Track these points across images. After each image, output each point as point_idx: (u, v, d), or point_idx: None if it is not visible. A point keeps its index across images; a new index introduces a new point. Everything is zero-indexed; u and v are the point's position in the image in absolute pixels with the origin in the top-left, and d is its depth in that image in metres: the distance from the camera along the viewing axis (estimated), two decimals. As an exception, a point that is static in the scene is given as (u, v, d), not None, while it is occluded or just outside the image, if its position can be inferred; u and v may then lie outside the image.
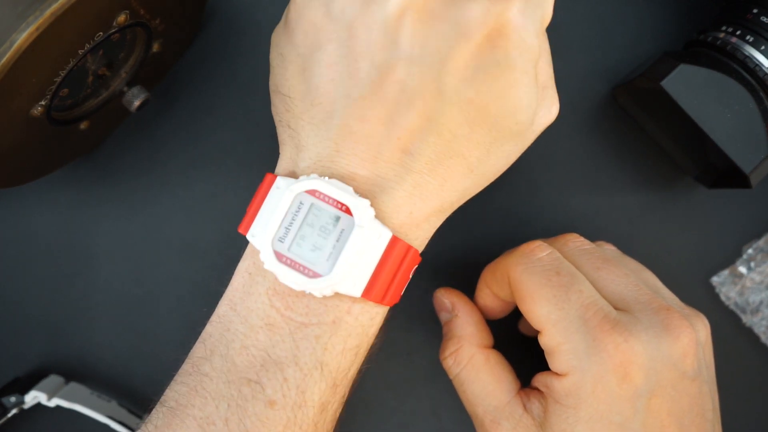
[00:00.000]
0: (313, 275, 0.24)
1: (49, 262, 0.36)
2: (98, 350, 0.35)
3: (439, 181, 0.26)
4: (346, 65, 0.25)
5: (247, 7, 0.37)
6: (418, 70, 0.25)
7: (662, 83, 0.30)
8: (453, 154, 0.26)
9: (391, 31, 0.25)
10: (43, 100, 0.28)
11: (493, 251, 0.35)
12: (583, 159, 0.36)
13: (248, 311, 0.25)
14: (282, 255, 0.24)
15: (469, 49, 0.25)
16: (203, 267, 0.36)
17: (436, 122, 0.25)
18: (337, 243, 0.24)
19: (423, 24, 0.25)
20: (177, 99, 0.36)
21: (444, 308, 0.32)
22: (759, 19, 0.31)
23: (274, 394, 0.24)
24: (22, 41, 0.24)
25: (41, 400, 0.33)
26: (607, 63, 0.36)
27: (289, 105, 0.27)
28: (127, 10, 0.28)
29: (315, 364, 0.25)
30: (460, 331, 0.31)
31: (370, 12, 0.25)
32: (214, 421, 0.24)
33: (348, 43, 0.25)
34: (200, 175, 0.36)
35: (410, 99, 0.25)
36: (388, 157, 0.25)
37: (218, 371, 0.24)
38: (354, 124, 0.25)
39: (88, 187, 0.36)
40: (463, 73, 0.25)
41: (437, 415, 0.35)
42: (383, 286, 0.25)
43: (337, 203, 0.24)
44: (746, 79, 0.30)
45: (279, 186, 0.25)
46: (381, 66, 0.25)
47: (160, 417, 0.25)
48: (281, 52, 0.27)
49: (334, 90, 0.25)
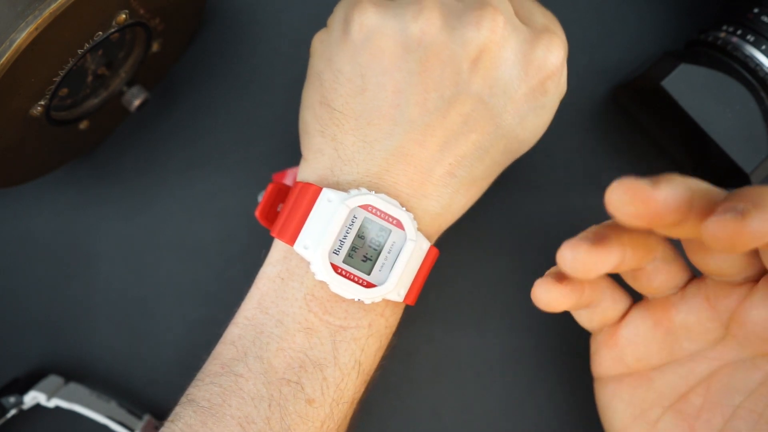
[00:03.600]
0: (368, 285, 0.26)
1: (49, 262, 0.36)
2: (98, 350, 0.35)
3: (468, 197, 0.29)
4: (413, 94, 0.26)
5: (247, 7, 0.37)
6: (484, 107, 0.27)
7: (663, 83, 0.30)
8: (485, 176, 0.29)
9: (465, 71, 0.26)
10: (42, 99, 0.28)
11: (493, 251, 0.35)
12: (583, 159, 0.36)
13: (283, 315, 0.26)
14: (337, 267, 0.26)
15: (526, 91, 0.27)
16: (203, 267, 0.36)
17: (485, 152, 0.28)
18: (389, 255, 0.26)
19: (495, 69, 0.27)
20: (177, 99, 0.36)
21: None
22: (760, 18, 0.30)
23: (313, 392, 0.25)
24: (22, 41, 0.24)
25: (40, 400, 0.33)
26: (608, 63, 0.36)
27: (340, 120, 0.27)
28: (127, 9, 0.28)
29: (354, 364, 0.26)
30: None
31: (447, 51, 0.26)
32: (255, 420, 0.25)
33: (420, 75, 0.26)
34: (200, 175, 0.36)
35: (470, 130, 0.27)
36: (436, 180, 0.27)
37: (255, 372, 0.25)
38: (411, 148, 0.27)
39: (88, 187, 0.36)
40: (519, 113, 0.27)
41: (438, 416, 0.35)
42: (417, 289, 0.27)
43: (389, 217, 0.26)
44: (747, 79, 0.30)
45: (330, 199, 0.26)
46: (450, 99, 0.26)
47: (191, 416, 0.25)
48: (338, 68, 0.27)
49: (398, 115, 0.27)
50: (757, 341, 0.25)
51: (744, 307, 0.25)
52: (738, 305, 0.25)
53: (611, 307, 0.28)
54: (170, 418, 0.25)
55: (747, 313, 0.25)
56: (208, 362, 0.27)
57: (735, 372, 0.26)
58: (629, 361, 0.28)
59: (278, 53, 0.36)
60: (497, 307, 0.35)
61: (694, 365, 0.27)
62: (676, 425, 0.27)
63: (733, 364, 0.26)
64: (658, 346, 0.27)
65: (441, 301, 0.35)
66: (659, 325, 0.27)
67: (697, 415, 0.26)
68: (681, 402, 0.27)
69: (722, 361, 0.26)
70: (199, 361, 0.27)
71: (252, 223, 0.36)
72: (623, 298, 0.28)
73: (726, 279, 0.26)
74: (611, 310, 0.28)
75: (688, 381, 0.27)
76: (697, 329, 0.26)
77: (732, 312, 0.25)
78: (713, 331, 0.26)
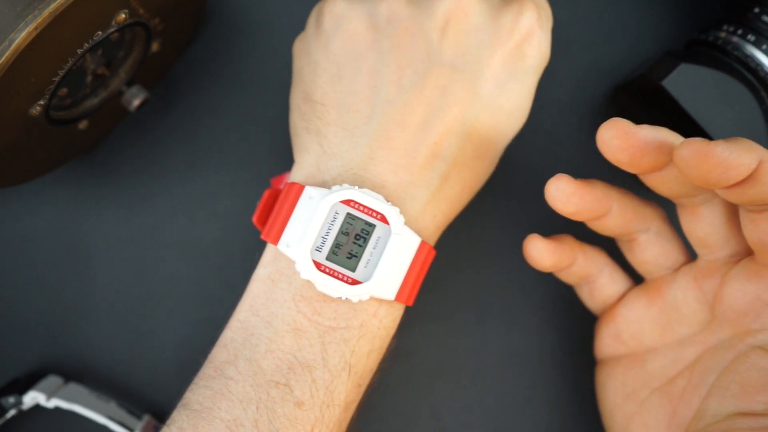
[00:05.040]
0: (353, 282, 0.25)
1: (48, 262, 0.36)
2: (97, 351, 0.35)
3: (461, 184, 0.28)
4: (388, 73, 0.26)
5: (247, 7, 0.37)
6: (460, 76, 0.26)
7: (663, 83, 0.30)
8: (476, 157, 0.28)
9: (435, 41, 0.26)
10: (41, 99, 0.28)
11: (493, 251, 0.35)
12: (583, 159, 0.36)
13: (272, 316, 0.26)
14: (320, 264, 0.25)
15: (502, 55, 0.27)
16: (202, 267, 0.36)
17: (469, 126, 0.27)
18: (374, 250, 0.25)
19: (464, 34, 0.27)
20: (176, 99, 0.36)
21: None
22: (760, 18, 0.30)
23: (302, 395, 0.25)
24: (21, 41, 0.24)
25: (40, 400, 0.33)
26: (608, 62, 0.36)
27: (321, 112, 0.27)
28: (126, 9, 0.28)
29: (343, 366, 0.26)
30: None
31: (415, 24, 0.27)
32: (243, 423, 0.24)
33: (391, 52, 0.26)
34: (200, 175, 0.36)
35: (449, 103, 0.26)
36: (421, 162, 0.26)
37: (244, 375, 0.25)
38: (392, 130, 0.26)
39: (88, 187, 0.36)
40: (498, 80, 0.27)
41: (437, 416, 0.35)
42: (410, 287, 0.26)
43: (372, 211, 0.25)
44: (747, 79, 0.30)
45: (312, 196, 0.26)
46: (424, 73, 0.26)
47: (184, 419, 0.25)
48: (314, 59, 0.28)
49: (375, 96, 0.26)
50: (734, 317, 0.26)
51: (722, 284, 0.26)
52: (720, 283, 0.26)
53: (609, 285, 0.30)
54: (167, 422, 0.25)
55: (724, 289, 0.26)
56: (203, 365, 0.26)
57: (714, 354, 0.26)
58: (626, 338, 0.29)
59: (278, 53, 0.36)
60: (497, 307, 0.35)
61: (683, 350, 0.27)
62: (661, 405, 0.27)
63: (714, 347, 0.27)
64: (651, 325, 0.28)
65: (441, 301, 0.35)
66: (653, 303, 0.28)
67: (680, 396, 0.27)
68: (668, 384, 0.28)
69: (706, 345, 0.27)
70: (198, 362, 0.27)
71: (251, 223, 0.36)
72: (622, 279, 0.30)
73: (713, 256, 0.27)
74: (609, 287, 0.30)
75: (677, 365, 0.28)
76: (686, 310, 0.27)
77: (715, 291, 0.26)
78: (700, 312, 0.27)
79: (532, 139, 0.35)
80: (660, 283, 0.28)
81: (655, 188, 0.26)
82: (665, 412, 0.27)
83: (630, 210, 0.28)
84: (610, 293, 0.30)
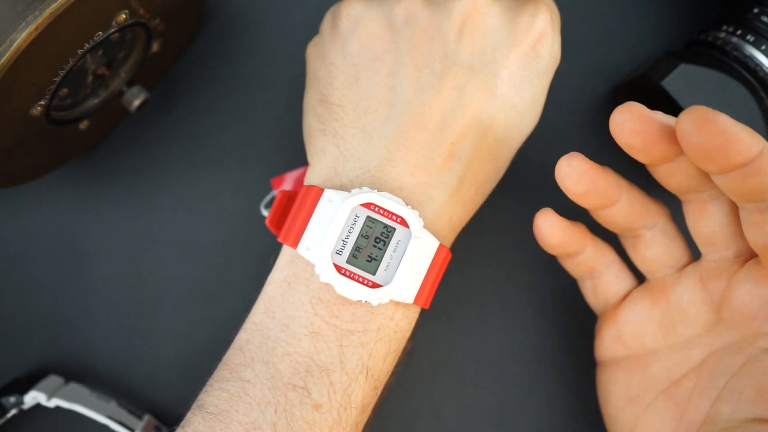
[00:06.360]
0: (373, 285, 0.25)
1: (49, 262, 0.36)
2: (98, 350, 0.35)
3: (476, 185, 0.28)
4: (405, 74, 0.27)
5: (247, 7, 0.37)
6: (477, 76, 0.27)
7: (663, 83, 0.30)
8: (491, 157, 0.28)
9: (452, 42, 0.27)
10: (42, 99, 0.28)
11: (493, 251, 0.35)
12: (583, 159, 0.36)
13: (289, 319, 0.26)
14: (340, 267, 0.25)
15: (518, 56, 0.27)
16: (203, 267, 0.36)
17: (485, 126, 0.27)
18: (395, 254, 0.25)
19: (481, 35, 0.27)
20: (176, 99, 0.36)
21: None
22: (760, 18, 0.31)
23: (320, 397, 0.25)
24: (21, 41, 0.24)
25: (41, 400, 0.33)
26: (608, 63, 0.36)
27: (339, 114, 0.27)
28: (127, 9, 0.28)
29: (361, 369, 0.26)
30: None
31: (432, 25, 0.27)
32: (261, 426, 0.24)
33: (409, 53, 0.27)
34: (200, 175, 0.36)
35: (466, 103, 0.26)
36: (439, 163, 0.26)
37: (261, 378, 0.25)
38: (411, 131, 0.26)
39: (88, 187, 0.36)
40: (514, 81, 0.27)
41: (438, 416, 0.35)
42: (428, 290, 0.26)
43: (392, 215, 0.25)
44: (747, 79, 0.30)
45: (331, 199, 0.26)
46: (442, 73, 0.26)
47: (200, 422, 0.25)
48: (330, 62, 0.28)
49: (393, 98, 0.27)
50: (742, 320, 0.26)
51: (730, 286, 0.26)
52: (726, 285, 0.26)
53: (614, 282, 0.29)
54: (181, 424, 0.25)
55: (732, 291, 0.26)
56: (218, 368, 0.26)
57: (723, 357, 0.26)
58: (627, 340, 0.28)
59: (278, 53, 0.36)
60: (497, 307, 0.35)
61: (689, 352, 0.27)
62: (668, 408, 0.27)
63: (722, 349, 0.26)
64: (654, 327, 0.28)
65: (441, 301, 0.35)
66: (656, 305, 0.28)
67: (688, 399, 0.27)
68: (674, 387, 0.27)
69: (713, 347, 0.27)
70: (198, 362, 0.27)
71: (251, 223, 0.36)
72: (627, 278, 0.30)
73: (718, 254, 0.26)
74: (613, 285, 0.29)
75: (682, 367, 0.27)
76: (691, 311, 0.27)
77: (722, 293, 0.26)
78: (705, 313, 0.27)
79: (532, 139, 0.35)
80: (664, 283, 0.28)
81: (663, 180, 0.26)
82: (672, 416, 0.27)
83: (638, 203, 0.27)
84: (614, 291, 0.29)
